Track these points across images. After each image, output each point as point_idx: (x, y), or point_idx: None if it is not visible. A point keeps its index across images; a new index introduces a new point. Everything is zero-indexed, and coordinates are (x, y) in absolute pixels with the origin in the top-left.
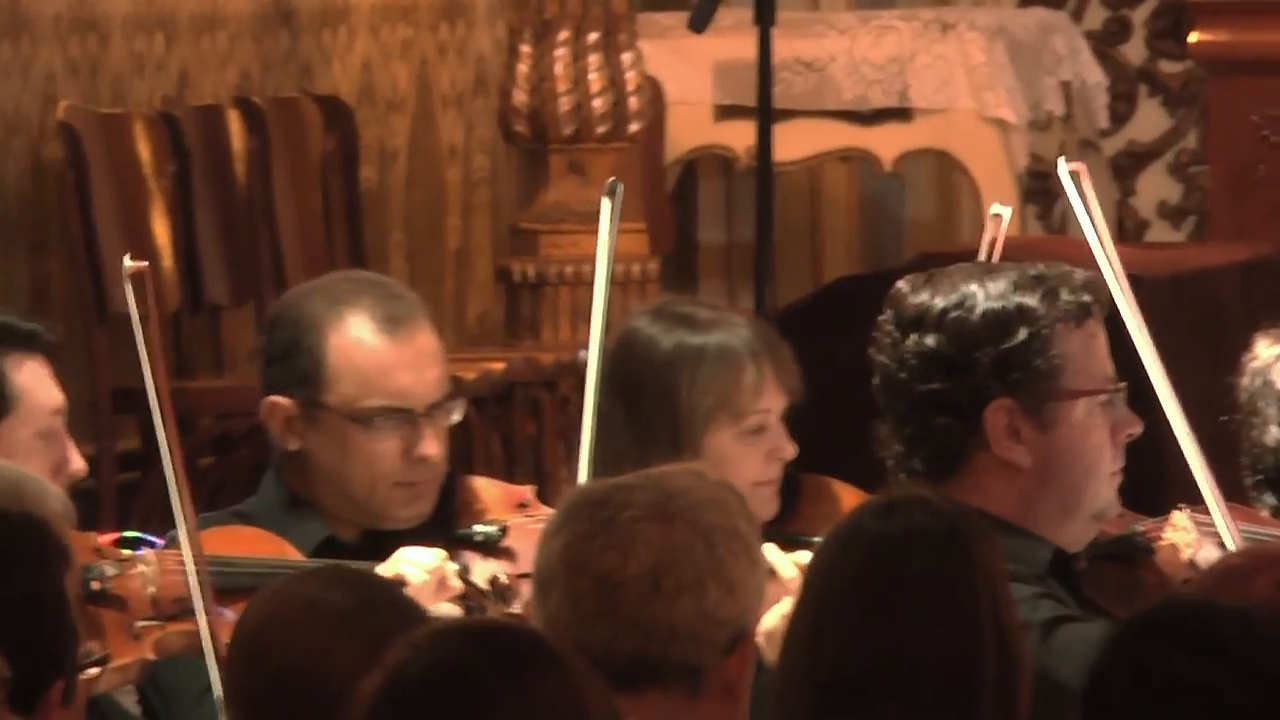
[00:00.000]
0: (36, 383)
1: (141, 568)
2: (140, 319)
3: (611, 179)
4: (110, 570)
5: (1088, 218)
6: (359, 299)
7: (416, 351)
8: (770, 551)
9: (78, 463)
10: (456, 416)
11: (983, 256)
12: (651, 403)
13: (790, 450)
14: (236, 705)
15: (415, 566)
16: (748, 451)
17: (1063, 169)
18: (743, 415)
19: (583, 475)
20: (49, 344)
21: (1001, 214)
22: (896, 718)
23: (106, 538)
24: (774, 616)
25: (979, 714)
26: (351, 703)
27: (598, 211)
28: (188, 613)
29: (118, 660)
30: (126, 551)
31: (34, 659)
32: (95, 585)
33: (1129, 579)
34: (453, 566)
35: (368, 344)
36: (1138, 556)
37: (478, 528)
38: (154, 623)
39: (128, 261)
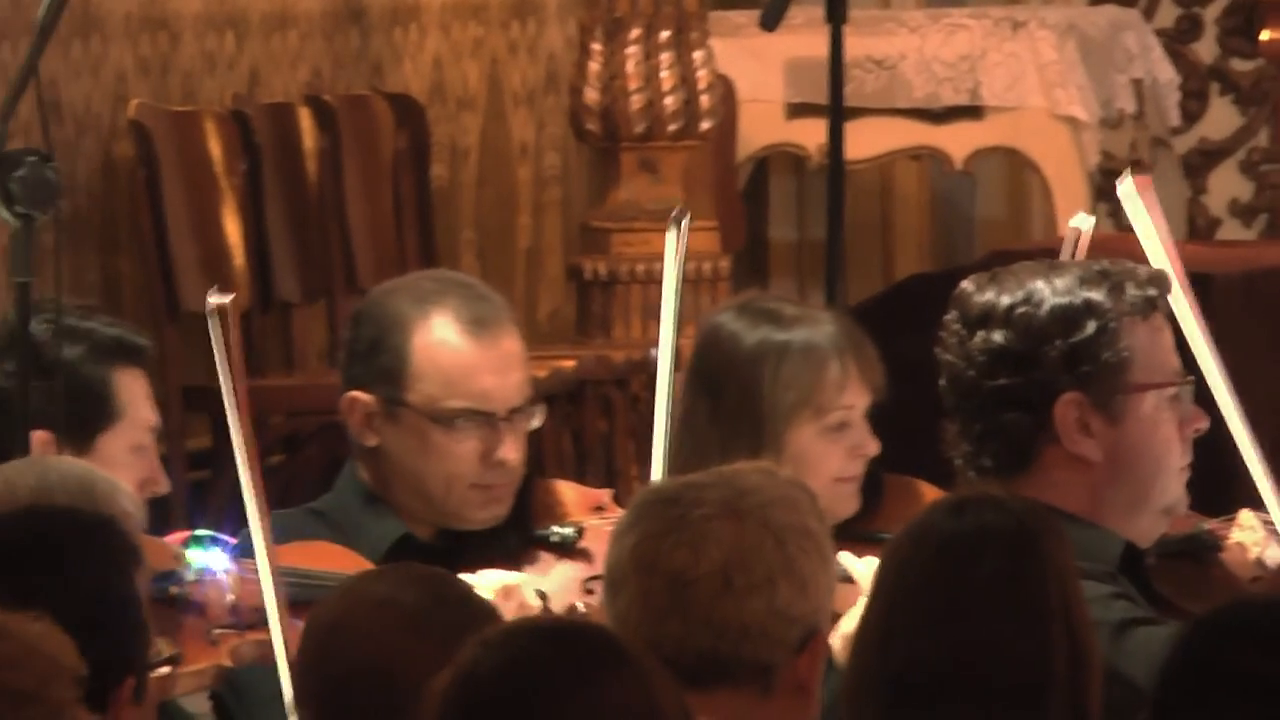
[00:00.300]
0: (140, 397)
1: (221, 576)
2: (223, 350)
3: (678, 208)
4: (190, 577)
5: (1154, 233)
6: (445, 299)
7: (501, 355)
8: (845, 557)
9: (164, 482)
10: (537, 421)
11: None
12: (734, 398)
13: (873, 447)
14: (307, 704)
15: (493, 594)
16: (830, 448)
17: (1124, 191)
18: (826, 411)
19: (656, 473)
20: (149, 359)
21: (1082, 226)
22: (968, 716)
23: (178, 536)
24: (852, 620)
25: (1050, 713)
26: (422, 701)
27: (669, 210)
28: (264, 621)
29: (194, 665)
30: (191, 555)
31: (105, 656)
32: (174, 590)
33: (1198, 576)
34: (533, 592)
35: (452, 345)
36: (1206, 555)
37: (554, 529)
38: (232, 630)
39: (212, 298)
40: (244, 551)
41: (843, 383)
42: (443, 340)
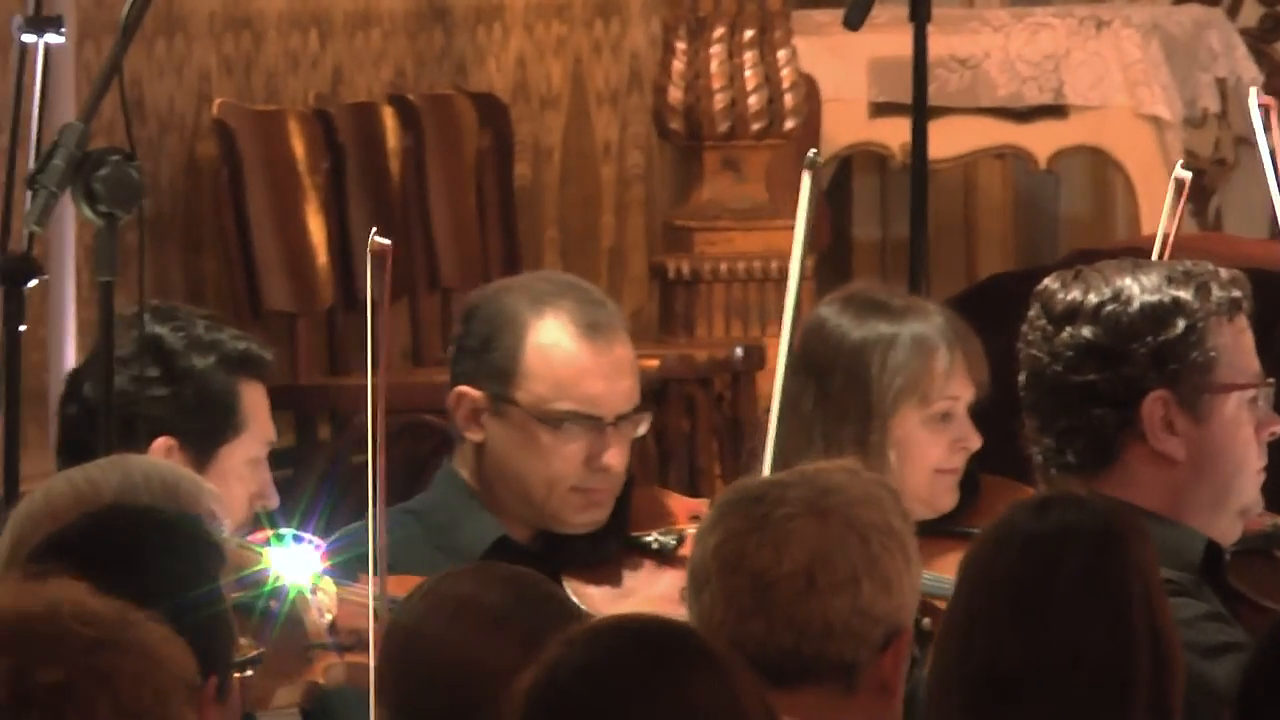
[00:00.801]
0: (262, 411)
1: (320, 595)
2: (375, 299)
3: (812, 150)
4: (272, 576)
5: (1268, 150)
6: (561, 301)
7: (613, 360)
8: None
9: (275, 497)
10: (642, 429)
11: (1165, 220)
12: (842, 383)
13: (975, 441)
14: (388, 702)
15: None
16: (933, 437)
17: (1253, 100)
18: (931, 400)
19: (768, 462)
20: (271, 373)
21: (1186, 175)
22: (1050, 716)
23: (260, 535)
24: None
25: (1132, 713)
26: (506, 699)
27: (751, 208)
28: (361, 645)
29: (289, 681)
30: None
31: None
32: (273, 603)
33: (1273, 572)
34: None
35: (565, 347)
36: None
37: (655, 535)
38: (328, 649)
39: (376, 239)
40: (331, 558)
41: (950, 373)
42: (556, 342)
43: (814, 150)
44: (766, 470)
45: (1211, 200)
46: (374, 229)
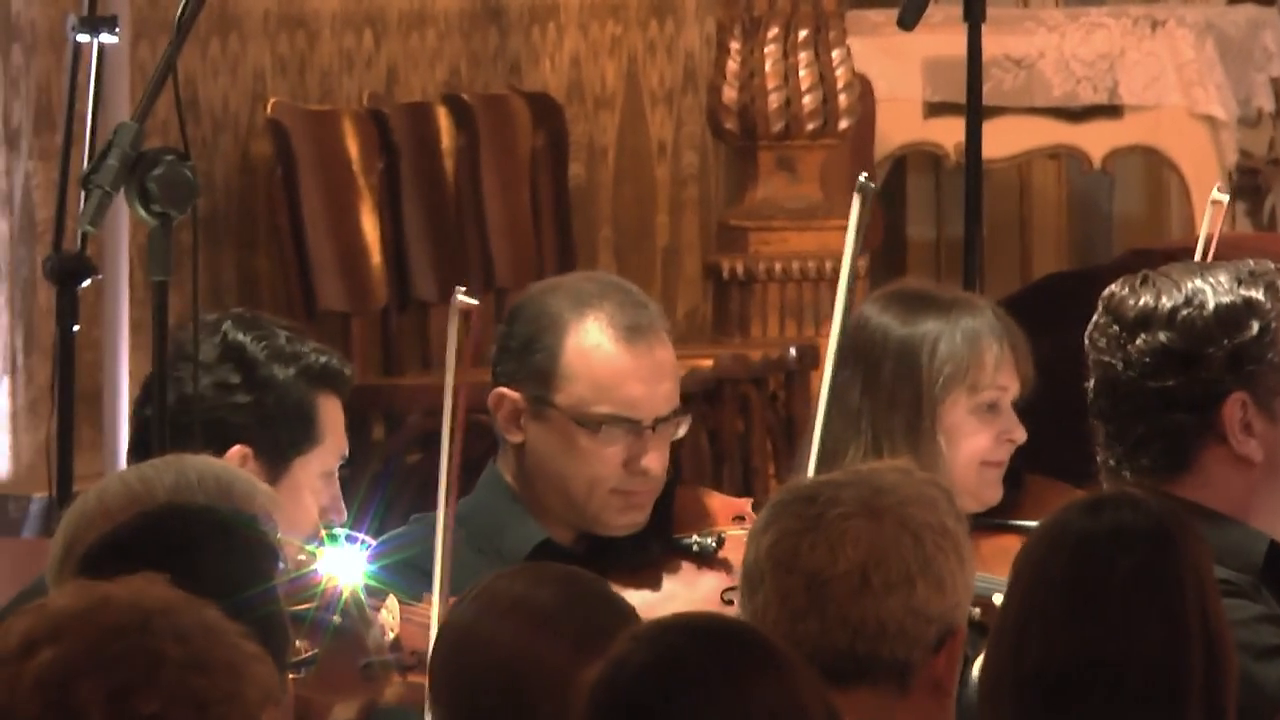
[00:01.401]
0: (338, 426)
1: (384, 613)
2: (457, 353)
3: (864, 175)
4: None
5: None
6: (603, 303)
7: (653, 363)
8: None
9: (343, 512)
10: (681, 431)
11: (1201, 246)
12: (892, 372)
13: (1020, 434)
14: (441, 702)
15: None
16: (980, 427)
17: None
18: (980, 389)
19: (813, 457)
20: (349, 389)
21: (1221, 200)
22: (1103, 717)
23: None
24: None
25: (1186, 714)
26: (560, 698)
27: (806, 208)
28: (422, 665)
29: (346, 697)
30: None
31: None
32: (335, 619)
33: None
34: None
35: (605, 350)
36: None
37: (695, 538)
38: (389, 667)
39: (460, 298)
40: (379, 560)
41: (999, 364)
42: (597, 344)
43: (865, 175)
44: (811, 462)
45: (1266, 200)
46: (461, 287)
